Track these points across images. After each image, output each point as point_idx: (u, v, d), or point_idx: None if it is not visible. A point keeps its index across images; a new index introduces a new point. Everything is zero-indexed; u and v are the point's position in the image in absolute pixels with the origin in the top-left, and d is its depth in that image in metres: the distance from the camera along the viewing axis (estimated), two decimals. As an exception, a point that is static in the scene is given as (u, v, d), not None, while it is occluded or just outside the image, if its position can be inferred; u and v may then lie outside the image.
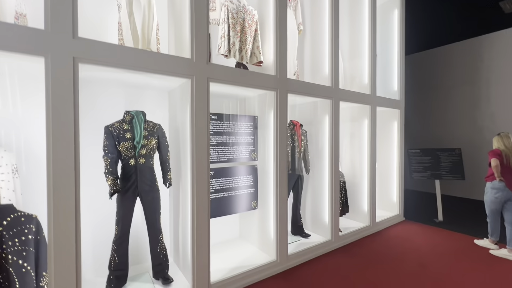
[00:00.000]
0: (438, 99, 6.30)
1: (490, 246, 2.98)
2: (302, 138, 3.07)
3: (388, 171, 4.24)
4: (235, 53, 2.46)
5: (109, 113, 2.19)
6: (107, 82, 2.21)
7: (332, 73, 3.04)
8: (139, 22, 2.04)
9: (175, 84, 2.23)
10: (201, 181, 2.04)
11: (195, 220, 2.02)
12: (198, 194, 2.03)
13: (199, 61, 2.02)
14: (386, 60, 4.27)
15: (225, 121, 2.58)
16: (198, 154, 2.02)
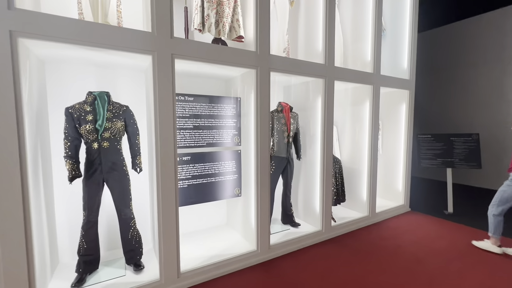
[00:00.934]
0: (455, 80, 5.71)
1: (493, 248, 2.56)
2: (291, 122, 2.83)
3: (394, 157, 3.91)
4: (209, 27, 2.23)
5: (82, 95, 2.09)
6: (81, 62, 2.10)
7: (325, 49, 2.73)
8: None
9: (146, 62, 2.07)
10: (166, 167, 1.92)
11: (161, 207, 1.91)
12: (164, 181, 1.91)
13: (162, 36, 1.83)
14: (396, 36, 3.82)
15: (204, 103, 2.40)
16: (162, 138, 1.88)
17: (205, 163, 2.46)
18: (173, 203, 1.96)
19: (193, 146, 2.39)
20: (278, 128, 2.77)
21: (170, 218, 1.95)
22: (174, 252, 1.99)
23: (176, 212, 1.98)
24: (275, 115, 2.78)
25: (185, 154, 2.36)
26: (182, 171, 2.34)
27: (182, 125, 2.31)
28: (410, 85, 3.69)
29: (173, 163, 1.94)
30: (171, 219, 1.96)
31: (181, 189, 2.34)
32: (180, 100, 2.29)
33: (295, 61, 2.53)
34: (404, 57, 3.73)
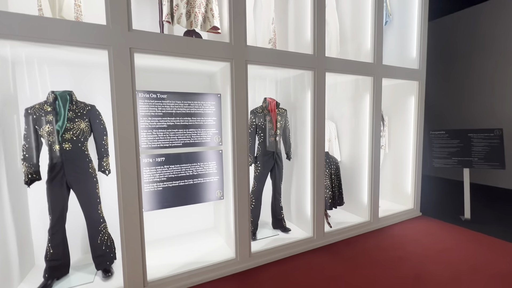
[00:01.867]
0: (471, 70, 5.13)
1: None
2: (278, 119, 2.61)
3: (402, 156, 3.54)
4: (179, 19, 2.08)
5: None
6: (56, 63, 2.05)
7: (314, 37, 2.46)
8: (55, -12, 1.78)
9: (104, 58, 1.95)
10: (127, 170, 1.79)
11: (122, 213, 1.80)
12: (125, 184, 1.79)
13: (118, 29, 1.69)
14: (403, 23, 3.44)
15: (179, 100, 2.26)
16: (122, 139, 1.76)
17: (181, 164, 2.32)
18: (136, 208, 1.83)
19: (167, 147, 2.25)
20: (263, 126, 2.56)
21: (133, 223, 1.83)
22: (139, 259, 1.87)
23: (140, 218, 1.85)
24: (260, 112, 2.57)
25: (159, 155, 2.23)
26: (156, 173, 2.22)
27: (154, 124, 2.19)
28: (419, 75, 3.30)
29: (135, 165, 1.81)
30: (134, 225, 1.84)
31: (156, 192, 2.22)
32: (152, 98, 2.16)
33: (276, 52, 2.30)
34: (412, 45, 3.34)
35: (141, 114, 2.13)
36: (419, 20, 3.25)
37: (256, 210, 2.68)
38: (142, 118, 2.15)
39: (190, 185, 2.36)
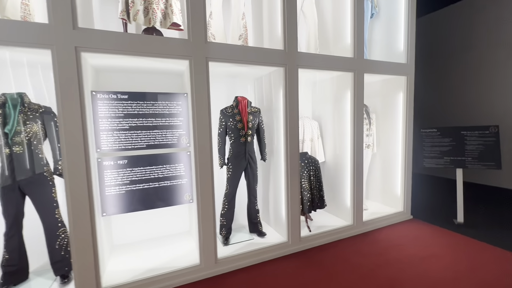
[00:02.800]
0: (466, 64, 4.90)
1: None
2: (249, 118, 2.49)
3: (391, 156, 3.35)
4: (135, 16, 2.00)
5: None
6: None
7: (284, 32, 2.34)
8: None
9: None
10: (76, 173, 1.73)
11: (72, 217, 1.73)
12: (73, 188, 1.72)
13: (61, 27, 1.63)
14: (391, 17, 3.25)
15: (141, 101, 2.18)
16: (69, 142, 1.69)
17: (146, 166, 2.24)
18: (86, 212, 1.76)
19: (130, 149, 2.18)
20: (233, 126, 2.45)
21: (84, 228, 1.77)
22: (91, 265, 1.80)
23: (91, 222, 1.79)
24: (229, 112, 2.47)
25: (121, 158, 2.16)
26: (118, 176, 2.15)
27: (115, 126, 2.12)
28: (407, 70, 3.10)
29: (84, 168, 1.75)
30: (85, 229, 1.77)
31: (118, 195, 2.15)
32: (111, 99, 2.09)
33: (241, 48, 2.19)
34: (400, 39, 3.15)
35: (100, 115, 2.07)
36: (406, 11, 3.06)
37: (229, 214, 2.57)
38: (102, 120, 2.08)
39: (156, 188, 2.28)
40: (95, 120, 2.06)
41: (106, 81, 2.36)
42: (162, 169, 2.30)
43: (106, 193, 2.13)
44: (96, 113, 2.06)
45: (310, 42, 2.86)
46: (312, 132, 3.12)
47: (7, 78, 2.01)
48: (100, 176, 2.10)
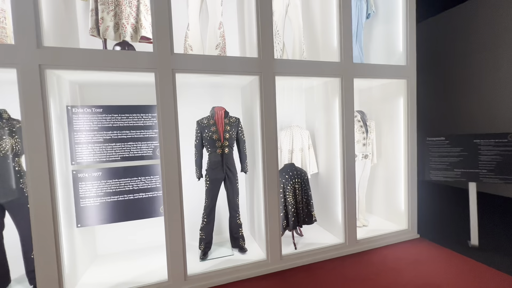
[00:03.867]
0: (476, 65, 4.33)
1: None
2: (226, 129, 2.42)
3: (392, 167, 3.04)
4: (105, 32, 2.05)
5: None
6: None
7: (259, 40, 2.24)
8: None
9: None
10: (40, 187, 1.77)
11: (35, 230, 1.77)
12: (36, 202, 1.77)
13: (24, 47, 1.71)
14: (389, 18, 3.01)
15: (116, 114, 2.22)
16: (32, 156, 1.75)
17: (120, 178, 2.26)
18: (49, 224, 1.80)
19: (104, 161, 2.22)
20: (208, 137, 2.39)
21: (47, 241, 1.80)
22: (55, 278, 1.82)
23: (55, 235, 1.82)
24: (205, 123, 2.41)
25: (95, 170, 2.20)
26: (92, 188, 2.19)
27: (90, 139, 2.17)
28: (407, 72, 2.81)
29: (48, 182, 1.79)
30: (49, 243, 1.80)
31: (92, 207, 2.19)
32: (86, 113, 2.15)
33: (210, 58, 2.14)
34: (398, 39, 2.88)
35: (75, 129, 2.14)
36: (404, 10, 2.80)
37: (208, 228, 2.49)
38: (77, 133, 2.15)
39: (130, 200, 2.29)
40: (70, 134, 2.13)
41: (89, 95, 2.45)
42: (137, 181, 2.30)
43: (81, 204, 2.18)
44: (72, 127, 2.14)
45: (295, 47, 2.73)
46: (302, 142, 2.95)
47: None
48: (75, 188, 2.16)
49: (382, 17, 3.11)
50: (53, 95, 1.91)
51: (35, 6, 1.73)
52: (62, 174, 2.00)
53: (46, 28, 1.83)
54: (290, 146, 2.91)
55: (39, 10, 1.74)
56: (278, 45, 2.80)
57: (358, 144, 2.95)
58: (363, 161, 2.99)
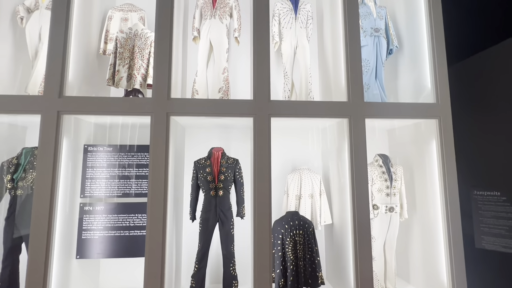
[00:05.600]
0: None
1: None
2: (222, 170, 2.36)
3: (428, 227, 2.44)
4: (118, 82, 2.35)
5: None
6: None
7: (254, 81, 2.25)
8: None
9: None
10: (40, 218, 1.97)
11: (31, 258, 1.93)
12: (35, 231, 1.95)
13: (47, 97, 2.06)
14: (415, 50, 2.71)
15: (122, 152, 2.42)
16: (38, 191, 1.99)
17: (119, 214, 2.37)
18: (41, 255, 1.93)
19: (108, 196, 2.37)
20: (203, 178, 2.36)
21: (37, 273, 1.92)
22: (38, 310, 1.89)
23: (45, 266, 1.93)
24: (201, 163, 2.41)
25: (98, 204, 2.36)
26: (94, 221, 2.34)
27: (98, 174, 2.38)
28: (439, 111, 2.37)
29: (47, 212, 1.97)
30: (38, 275, 1.92)
31: (91, 240, 2.31)
32: (98, 151, 2.40)
33: (204, 101, 2.21)
34: (426, 74, 2.52)
35: (88, 165, 2.39)
36: (429, 42, 2.48)
37: (199, 275, 2.33)
38: (89, 169, 2.39)
39: (125, 237, 2.34)
40: (83, 169, 2.39)
41: (104, 134, 2.73)
42: (133, 218, 2.37)
43: (83, 236, 2.33)
44: (85, 163, 2.40)
45: (302, 87, 2.64)
46: (313, 187, 2.66)
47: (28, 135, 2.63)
48: (79, 220, 2.34)
49: (408, 51, 2.81)
50: (70, 135, 2.21)
51: (63, 64, 2.11)
52: (70, 206, 2.21)
53: (70, 79, 2.19)
54: (298, 191, 2.65)
55: (65, 67, 2.13)
56: (286, 86, 2.77)
57: (380, 193, 2.51)
58: (388, 215, 2.49)
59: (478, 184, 2.44)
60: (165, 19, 2.22)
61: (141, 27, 2.47)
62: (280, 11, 2.76)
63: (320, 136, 2.98)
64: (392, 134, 3.02)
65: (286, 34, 2.70)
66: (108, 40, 2.59)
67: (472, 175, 2.52)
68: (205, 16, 2.64)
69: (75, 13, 2.29)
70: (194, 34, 2.67)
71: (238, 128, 2.93)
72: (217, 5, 2.64)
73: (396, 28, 2.94)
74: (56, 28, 2.15)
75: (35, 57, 2.40)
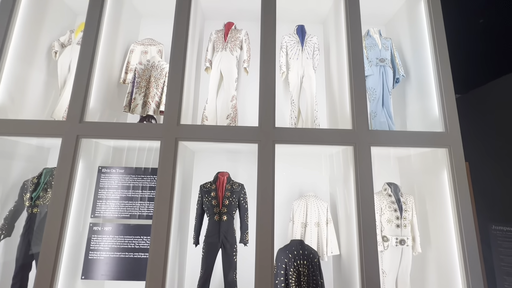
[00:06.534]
0: None
1: None
2: (226, 195, 2.39)
3: (444, 263, 2.28)
4: (134, 108, 2.53)
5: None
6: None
7: (260, 110, 2.34)
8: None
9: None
10: (51, 237, 2.06)
11: (38, 277, 1.99)
12: (46, 249, 2.03)
13: (70, 122, 2.25)
14: (422, 79, 2.73)
15: (134, 174, 2.53)
16: (50, 213, 2.10)
17: (125, 236, 2.42)
18: (48, 277, 1.99)
19: (117, 217, 2.44)
20: (207, 203, 2.39)
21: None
22: (39, 330, 1.91)
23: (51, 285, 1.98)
24: (207, 187, 2.46)
25: (107, 224, 2.43)
26: (102, 241, 2.40)
27: (110, 195, 2.48)
28: (449, 140, 2.31)
29: (58, 232, 2.06)
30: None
31: (97, 260, 2.35)
32: (111, 173, 2.53)
33: (210, 127, 2.31)
34: (433, 103, 2.50)
35: (100, 186, 2.51)
36: (435, 70, 2.50)
37: (200, 303, 2.28)
38: (101, 190, 2.51)
39: (130, 259, 2.37)
40: (96, 190, 2.50)
41: (120, 156, 2.88)
42: (139, 240, 2.41)
43: (89, 257, 2.38)
44: (98, 184, 2.52)
45: (308, 115, 2.70)
46: (319, 215, 2.60)
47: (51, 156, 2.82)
48: (88, 240, 2.40)
49: (415, 80, 2.82)
50: (87, 157, 2.36)
51: (86, 92, 2.32)
52: (81, 225, 2.30)
53: (91, 106, 2.39)
54: (304, 219, 2.60)
55: (88, 95, 2.33)
56: (293, 113, 2.84)
57: (389, 224, 2.41)
58: (399, 247, 2.37)
59: (497, 218, 2.28)
60: (179, 52, 2.42)
61: (158, 59, 2.69)
62: (287, 43, 2.92)
63: (328, 163, 2.96)
64: (403, 162, 2.95)
65: (293, 64, 2.82)
66: (128, 71, 2.82)
67: (489, 207, 2.37)
68: (217, 49, 2.84)
69: (101, 47, 2.55)
70: (206, 65, 2.86)
71: (246, 153, 2.99)
72: (228, 39, 2.84)
73: (402, 57, 3.00)
74: (84, 60, 2.40)
75: (63, 86, 2.66)
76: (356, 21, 2.53)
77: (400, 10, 3.08)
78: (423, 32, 2.69)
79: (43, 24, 2.82)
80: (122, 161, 2.92)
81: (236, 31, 2.92)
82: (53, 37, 2.95)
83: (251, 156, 2.97)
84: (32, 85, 2.70)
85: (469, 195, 2.21)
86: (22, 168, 2.67)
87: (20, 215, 2.44)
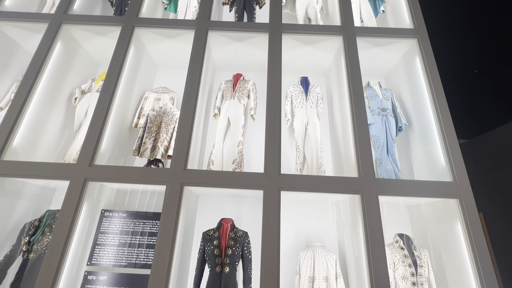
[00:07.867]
0: None
1: None
2: (230, 244, 2.29)
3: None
4: (143, 152, 2.60)
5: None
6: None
7: (266, 156, 2.37)
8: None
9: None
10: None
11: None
12: (35, 300, 1.91)
13: (80, 165, 2.30)
14: (424, 127, 2.80)
15: (136, 219, 2.48)
16: (47, 261, 2.03)
17: (121, 287, 2.27)
18: (33, 331, 1.83)
19: (114, 265, 2.33)
20: (209, 252, 2.28)
21: None
22: None
23: None
24: (210, 235, 2.37)
25: (102, 274, 2.31)
26: (95, 292, 2.25)
27: (109, 241, 2.40)
28: (458, 190, 2.26)
29: (51, 280, 1.95)
30: None
31: (88, 315, 2.18)
32: (113, 217, 2.48)
33: (216, 173, 2.32)
34: (438, 152, 2.52)
35: (101, 231, 2.44)
36: (436, 119, 2.57)
37: None
38: (101, 235, 2.43)
39: (123, 315, 2.18)
40: (96, 235, 2.43)
41: (124, 200, 2.86)
42: (136, 292, 2.25)
43: (80, 310, 2.20)
44: (99, 228, 2.46)
45: (313, 162, 2.72)
46: (327, 268, 2.43)
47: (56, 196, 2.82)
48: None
49: (418, 129, 2.88)
50: (91, 199, 2.35)
51: (99, 136, 2.42)
52: (75, 273, 2.18)
53: (102, 149, 2.46)
54: (311, 272, 2.43)
55: (100, 139, 2.42)
56: (298, 158, 2.86)
57: (405, 281, 2.22)
58: (416, 309, 2.15)
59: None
60: (190, 100, 2.56)
61: (169, 106, 2.85)
62: (292, 93, 3.09)
63: (334, 210, 2.88)
64: (413, 210, 2.85)
65: (298, 112, 2.95)
66: (141, 116, 2.97)
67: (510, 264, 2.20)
68: (226, 97, 3.01)
69: (119, 94, 2.73)
70: (215, 112, 3.00)
71: (251, 198, 2.94)
72: (237, 88, 3.03)
73: (403, 107, 3.11)
74: (101, 106, 2.55)
75: (78, 130, 2.79)
76: (357, 73, 2.70)
77: (398, 64, 3.30)
78: (420, 84, 2.83)
79: (68, 73, 3.08)
80: (124, 203, 2.89)
81: (244, 82, 3.13)
82: (75, 84, 3.20)
83: (255, 201, 2.93)
84: (49, 127, 2.84)
85: (487, 250, 2.08)
86: (25, 207, 2.66)
87: (14, 261, 2.34)
